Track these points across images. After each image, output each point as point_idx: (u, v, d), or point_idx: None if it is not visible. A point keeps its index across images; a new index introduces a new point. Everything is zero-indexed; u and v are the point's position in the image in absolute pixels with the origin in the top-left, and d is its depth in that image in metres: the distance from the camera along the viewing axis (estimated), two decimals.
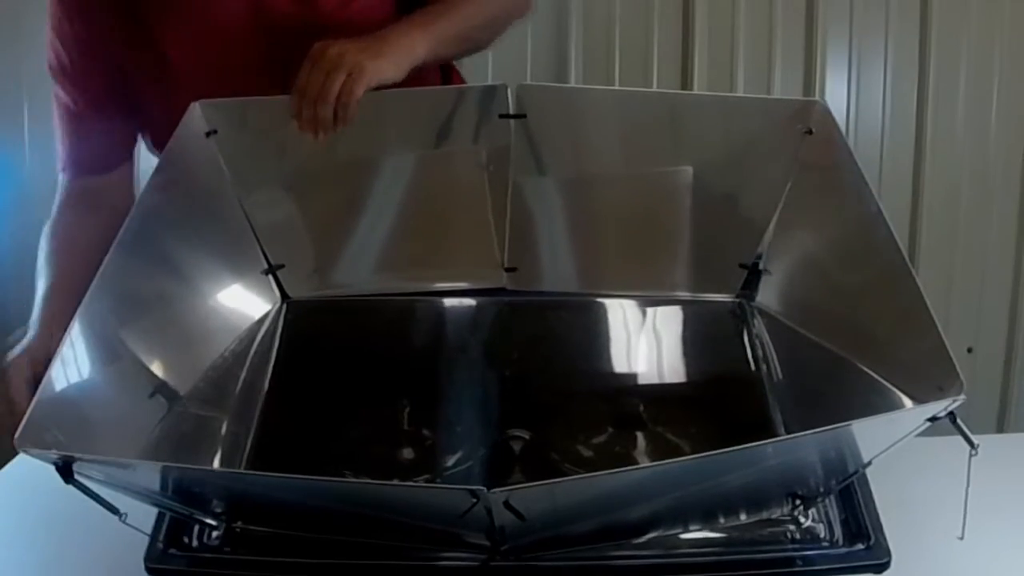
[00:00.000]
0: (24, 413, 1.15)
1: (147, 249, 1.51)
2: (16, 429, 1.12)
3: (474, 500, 1.07)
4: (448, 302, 1.75)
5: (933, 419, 1.16)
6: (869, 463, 1.27)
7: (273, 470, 1.36)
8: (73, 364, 1.29)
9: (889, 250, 1.42)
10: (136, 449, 1.33)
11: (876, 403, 1.30)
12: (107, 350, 1.37)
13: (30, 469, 1.16)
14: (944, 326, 1.25)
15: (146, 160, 3.16)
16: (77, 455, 1.10)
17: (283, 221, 1.72)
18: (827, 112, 1.65)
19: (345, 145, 1.69)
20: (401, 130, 1.74)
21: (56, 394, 1.23)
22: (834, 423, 1.12)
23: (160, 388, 1.45)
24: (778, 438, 1.42)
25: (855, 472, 1.31)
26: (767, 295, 1.68)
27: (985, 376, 2.95)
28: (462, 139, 1.74)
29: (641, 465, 1.15)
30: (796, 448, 1.22)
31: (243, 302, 1.69)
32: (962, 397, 1.15)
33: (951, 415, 1.16)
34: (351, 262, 1.76)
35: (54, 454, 1.10)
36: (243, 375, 1.61)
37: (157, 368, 1.46)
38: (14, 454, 1.48)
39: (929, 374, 1.20)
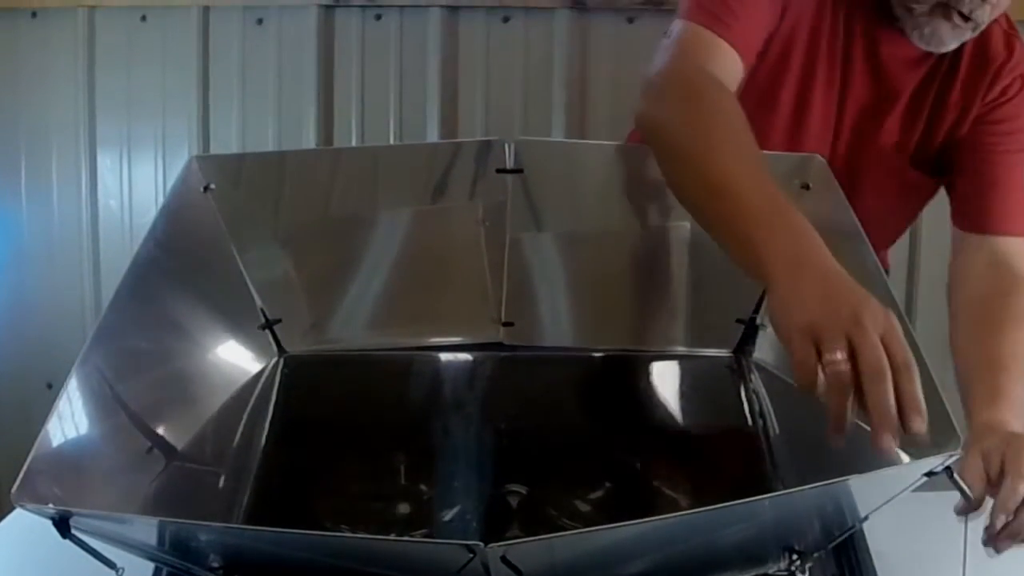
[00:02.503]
0: None
1: (144, 303, 1.50)
2: None
3: (471, 555, 1.06)
4: (445, 357, 1.75)
5: (930, 474, 1.16)
6: (866, 518, 1.27)
7: (270, 525, 1.35)
8: (70, 419, 1.28)
9: (885, 303, 1.42)
10: (133, 504, 1.32)
11: (873, 457, 1.29)
12: (104, 405, 1.37)
13: (27, 524, 1.16)
14: (939, 377, 1.26)
15: (143, 214, 3.21)
16: (74, 510, 1.10)
17: (280, 276, 1.72)
18: (824, 167, 1.66)
19: (342, 200, 1.69)
20: (398, 185, 1.74)
21: (53, 449, 1.22)
22: (831, 478, 1.11)
23: (157, 443, 1.44)
24: (775, 493, 1.42)
25: (852, 527, 1.31)
26: (764, 350, 1.69)
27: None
28: (459, 194, 1.73)
29: (638, 520, 1.15)
30: (793, 502, 1.22)
31: (240, 357, 1.68)
32: (959, 452, 1.15)
33: (948, 470, 1.16)
34: (348, 317, 1.75)
35: (51, 509, 1.10)
36: (240, 430, 1.60)
37: (154, 423, 1.46)
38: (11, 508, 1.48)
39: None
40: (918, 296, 2.93)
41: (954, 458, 1.15)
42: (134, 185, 3.29)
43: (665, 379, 1.75)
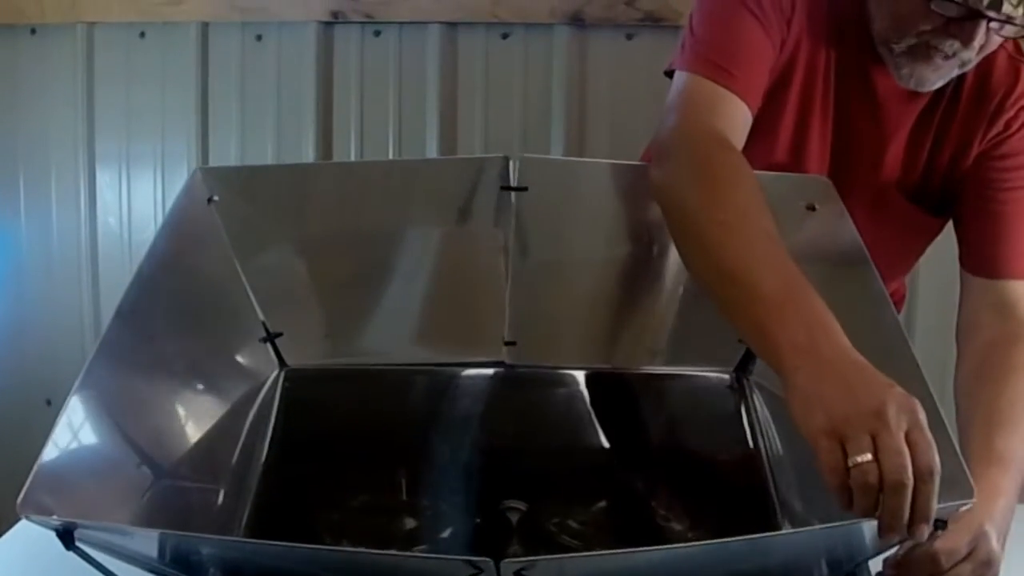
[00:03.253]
0: None
1: (148, 315, 1.50)
2: None
3: (477, 571, 1.06)
4: (446, 373, 1.75)
5: (939, 522, 1.16)
6: (876, 554, 1.27)
7: (271, 539, 1.34)
8: (73, 432, 1.28)
9: (891, 329, 1.42)
10: (133, 516, 1.32)
11: None
12: (106, 419, 1.36)
13: (31, 536, 1.16)
14: (940, 398, 1.25)
15: (142, 231, 3.21)
16: (79, 522, 1.10)
17: (282, 289, 1.72)
18: (830, 188, 1.65)
19: (345, 215, 1.69)
20: (401, 201, 1.73)
21: (56, 461, 1.22)
22: (834, 504, 1.12)
23: (158, 456, 1.44)
24: (788, 531, 1.44)
25: (859, 563, 1.30)
26: (766, 370, 1.67)
27: None
28: (462, 211, 1.73)
29: (653, 547, 1.14)
30: (804, 540, 1.22)
31: (241, 370, 1.68)
32: (972, 500, 1.15)
33: (942, 523, 1.16)
34: (350, 332, 1.75)
35: (56, 521, 1.10)
36: (240, 443, 1.60)
37: (156, 436, 1.46)
38: (12, 522, 1.48)
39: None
40: (917, 306, 2.92)
41: (967, 507, 1.16)
42: (133, 201, 3.28)
43: (666, 398, 1.75)
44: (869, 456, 1.14)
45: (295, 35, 3.12)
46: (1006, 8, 1.48)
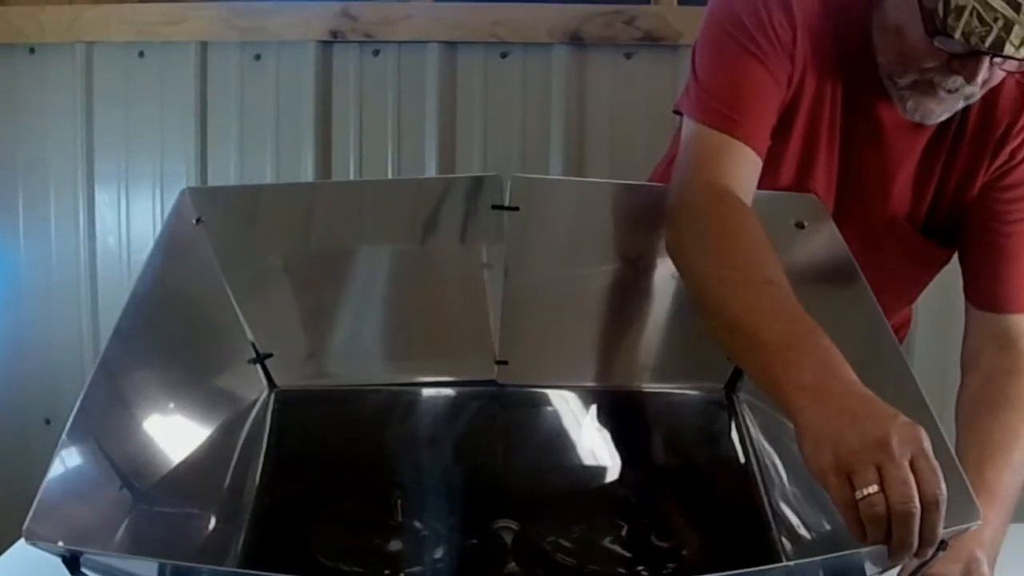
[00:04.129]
0: None
1: (142, 338, 1.50)
2: None
3: None
4: (438, 393, 1.75)
5: (942, 544, 1.16)
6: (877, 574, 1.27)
7: (266, 561, 1.35)
8: (73, 457, 1.28)
9: (885, 344, 1.42)
10: (132, 540, 1.32)
11: None
12: (104, 441, 1.36)
13: (31, 554, 1.16)
14: (938, 412, 1.25)
15: (141, 250, 3.20)
16: (84, 549, 1.11)
17: (271, 309, 1.72)
18: (819, 205, 1.65)
19: (336, 234, 1.69)
20: (393, 219, 1.73)
21: (58, 486, 1.22)
22: (828, 519, 1.11)
23: (155, 479, 1.44)
24: (788, 563, 1.43)
25: None
26: (755, 387, 1.67)
27: None
28: (454, 230, 1.73)
29: None
30: (805, 571, 1.21)
31: (232, 391, 1.68)
32: (978, 522, 1.15)
33: (943, 543, 1.16)
34: (340, 352, 1.75)
35: (61, 547, 1.11)
36: (232, 465, 1.60)
37: (151, 459, 1.45)
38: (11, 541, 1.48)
39: None
40: (915, 331, 2.92)
41: (972, 528, 1.17)
42: (132, 221, 3.28)
43: (658, 415, 1.75)
44: (876, 488, 1.16)
45: (294, 54, 3.13)
46: (1008, 49, 1.47)
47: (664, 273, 1.66)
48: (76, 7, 3.17)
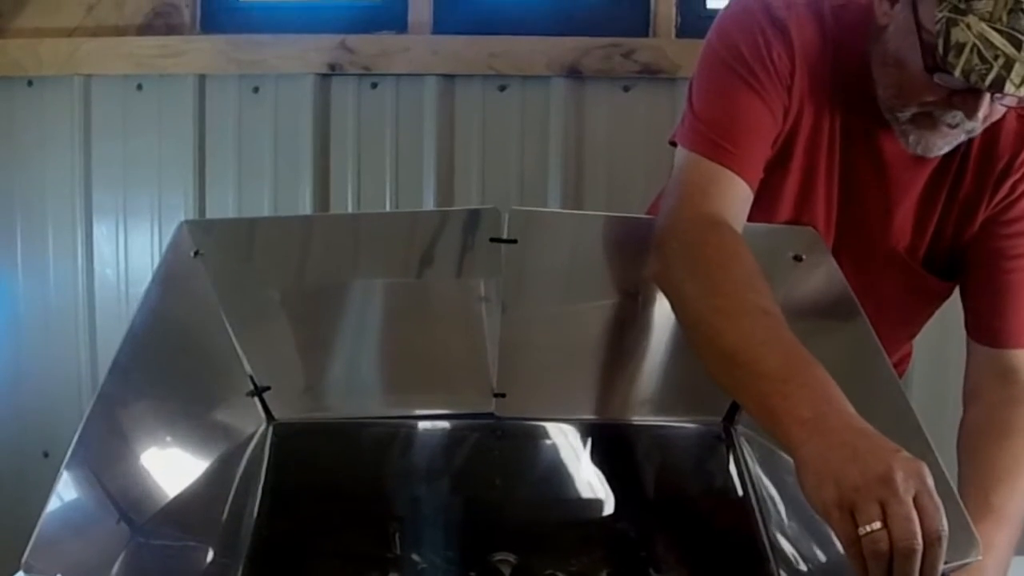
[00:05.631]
0: None
1: (140, 372, 1.51)
2: None
3: None
4: (436, 426, 1.75)
5: None
6: None
7: None
8: (72, 489, 1.28)
9: (884, 378, 1.41)
10: (131, 573, 1.32)
11: None
12: (103, 475, 1.37)
13: None
14: (936, 444, 1.25)
15: (139, 283, 3.20)
16: None
17: (269, 342, 1.72)
18: (817, 238, 1.65)
19: (334, 266, 1.68)
20: (391, 252, 1.73)
21: (57, 520, 1.22)
22: (826, 550, 1.11)
23: (153, 512, 1.43)
24: None
25: None
26: (752, 420, 1.67)
27: None
28: (452, 262, 1.73)
29: None
30: None
31: (230, 424, 1.68)
32: (977, 559, 1.15)
33: None
34: (338, 384, 1.75)
35: None
36: (231, 498, 1.60)
37: (149, 492, 1.45)
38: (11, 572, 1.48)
39: None
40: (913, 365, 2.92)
41: (970, 564, 1.17)
42: (130, 253, 3.28)
43: (655, 448, 1.75)
44: (879, 524, 1.16)
45: (292, 87, 3.13)
46: (1008, 88, 1.46)
47: (663, 307, 1.66)
48: (74, 40, 3.17)
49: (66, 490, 1.26)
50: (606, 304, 1.73)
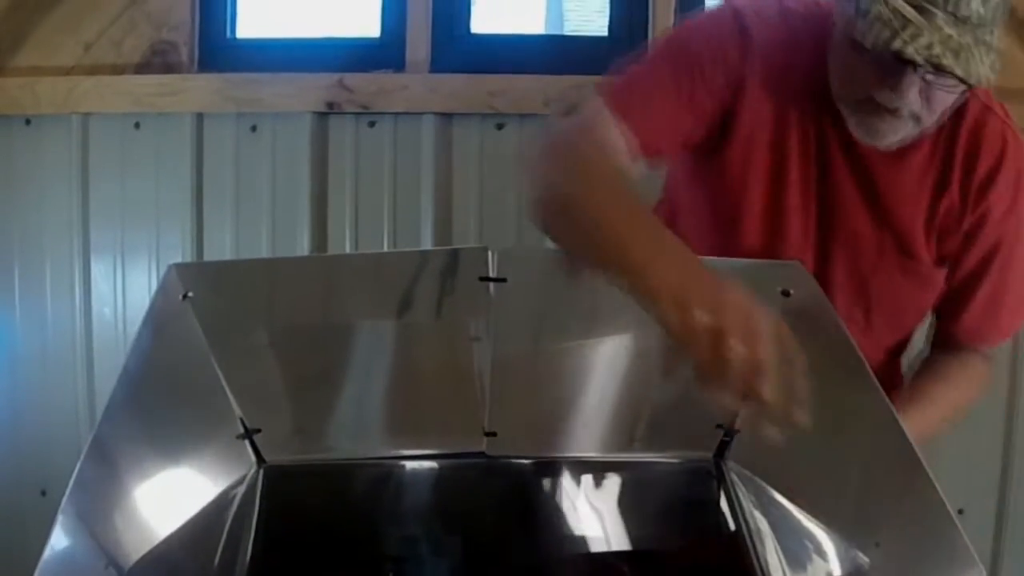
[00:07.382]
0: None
1: (132, 415, 1.51)
2: None
3: None
4: (427, 466, 1.75)
5: None
6: None
7: None
8: (69, 536, 1.28)
9: (878, 411, 1.42)
10: None
11: None
12: (95, 523, 1.37)
13: None
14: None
15: (136, 322, 3.20)
16: None
17: (260, 384, 1.71)
18: (803, 272, 1.66)
19: (323, 308, 1.68)
20: (379, 292, 1.73)
21: (52, 567, 1.22)
22: None
23: (146, 557, 1.43)
24: None
25: None
26: (744, 455, 1.69)
27: (976, 538, 2.91)
28: (442, 302, 1.73)
29: None
30: None
31: (221, 467, 1.67)
32: None
33: None
34: (329, 426, 1.75)
35: None
36: (223, 541, 1.59)
37: (142, 536, 1.45)
38: None
39: (937, 558, 1.20)
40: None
41: None
42: (128, 292, 3.28)
43: (647, 485, 1.75)
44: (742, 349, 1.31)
45: (290, 126, 3.14)
46: (909, 53, 1.52)
47: (654, 343, 1.66)
48: (72, 78, 3.18)
49: (58, 539, 1.26)
50: (596, 341, 1.73)
